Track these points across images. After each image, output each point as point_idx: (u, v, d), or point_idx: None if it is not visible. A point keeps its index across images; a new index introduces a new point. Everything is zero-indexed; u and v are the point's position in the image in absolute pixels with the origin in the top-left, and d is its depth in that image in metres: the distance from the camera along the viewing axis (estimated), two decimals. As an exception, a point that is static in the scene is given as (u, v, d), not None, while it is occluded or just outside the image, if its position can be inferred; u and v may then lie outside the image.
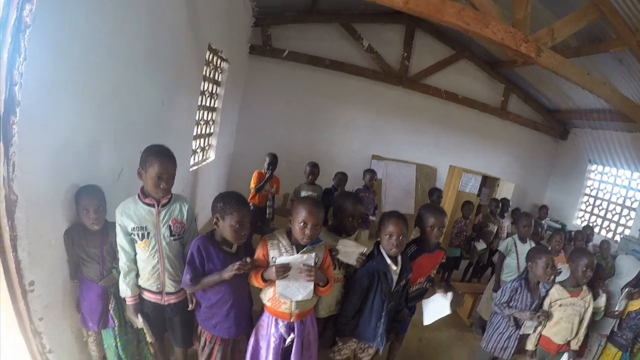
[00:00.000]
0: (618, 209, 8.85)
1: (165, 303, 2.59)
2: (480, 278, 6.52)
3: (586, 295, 3.42)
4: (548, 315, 3.31)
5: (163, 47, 3.44)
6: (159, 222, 2.43)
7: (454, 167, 7.06)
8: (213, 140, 6.14)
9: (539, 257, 3.26)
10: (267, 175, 5.08)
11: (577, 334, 3.40)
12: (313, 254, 2.35)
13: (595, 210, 9.41)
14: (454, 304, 5.11)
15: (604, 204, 9.19)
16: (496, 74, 9.18)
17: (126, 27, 2.71)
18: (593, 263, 3.35)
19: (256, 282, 2.38)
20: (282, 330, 2.47)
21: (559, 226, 8.69)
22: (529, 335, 3.41)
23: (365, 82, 8.22)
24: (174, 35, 3.69)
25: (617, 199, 8.91)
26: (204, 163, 5.67)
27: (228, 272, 2.26)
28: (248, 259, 2.26)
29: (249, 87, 7.71)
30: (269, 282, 2.37)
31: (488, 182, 7.69)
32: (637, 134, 8.02)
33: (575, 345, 3.42)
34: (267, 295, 2.45)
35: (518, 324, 3.34)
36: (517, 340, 3.38)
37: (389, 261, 2.69)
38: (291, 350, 2.50)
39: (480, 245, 5.91)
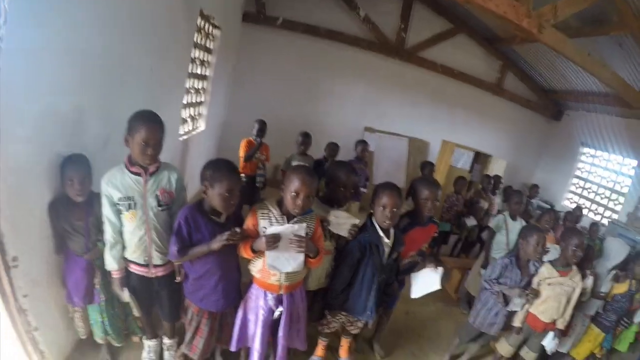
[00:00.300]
0: (607, 193, 8.92)
1: (153, 276, 2.53)
2: (469, 254, 6.55)
3: (575, 275, 3.43)
4: (537, 293, 3.32)
5: (152, 10, 3.29)
6: (147, 191, 2.35)
7: (447, 141, 7.06)
8: (203, 110, 6.00)
9: (530, 235, 3.27)
10: (256, 143, 4.97)
11: (563, 313, 3.44)
12: (304, 225, 2.30)
13: (585, 193, 9.47)
14: (444, 279, 5.21)
15: (594, 187, 9.25)
16: (494, 50, 9.07)
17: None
18: (584, 243, 3.35)
19: (245, 253, 2.34)
20: (271, 302, 2.45)
21: (548, 206, 8.74)
22: (516, 312, 3.43)
23: (361, 52, 8.08)
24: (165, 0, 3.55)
25: (607, 183, 8.96)
26: (195, 132, 5.56)
27: (217, 243, 2.19)
28: (237, 229, 2.20)
29: (242, 56, 7.52)
30: (258, 253, 2.33)
31: (480, 159, 7.74)
32: (631, 120, 7.99)
33: (561, 325, 3.45)
34: (257, 267, 2.42)
35: (506, 301, 3.36)
36: (504, 317, 3.41)
37: (381, 233, 2.67)
38: (280, 323, 2.49)
39: (471, 222, 5.93)
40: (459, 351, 3.85)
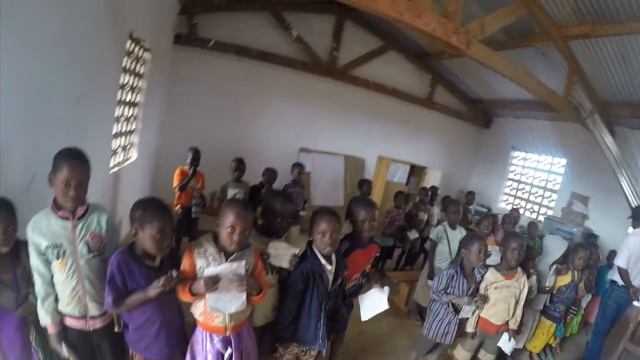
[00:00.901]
0: (540, 191, 9.49)
1: (91, 329, 2.29)
2: (414, 265, 6.61)
3: (521, 277, 3.56)
4: (485, 299, 3.41)
5: (79, 35, 3.04)
6: (75, 238, 2.12)
7: (382, 157, 7.15)
8: (135, 138, 5.66)
9: (472, 243, 3.35)
10: (190, 172, 4.83)
11: (514, 314, 3.54)
12: (243, 262, 2.20)
13: (519, 194, 10.04)
14: (390, 294, 5.20)
15: (527, 188, 9.82)
16: (423, 65, 9.39)
17: (36, 11, 2.33)
18: (523, 245, 3.49)
19: (184, 296, 2.19)
20: (219, 345, 2.31)
21: (485, 210, 9.14)
22: (468, 318, 3.50)
23: (294, 73, 8.04)
24: (92, 23, 3.31)
25: (539, 182, 9.53)
26: (126, 163, 5.26)
27: (153, 290, 2.05)
28: (174, 273, 2.05)
29: (174, 80, 7.24)
30: (198, 295, 2.18)
31: (416, 171, 7.90)
32: (557, 122, 8.54)
33: (513, 325, 3.57)
34: (198, 310, 2.27)
35: (457, 310, 3.41)
36: (457, 325, 3.46)
37: (323, 261, 2.58)
38: (231, 365, 2.35)
39: (413, 235, 6.03)
40: (418, 364, 3.87)
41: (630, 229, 5.09)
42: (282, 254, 2.53)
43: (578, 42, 5.90)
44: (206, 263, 2.19)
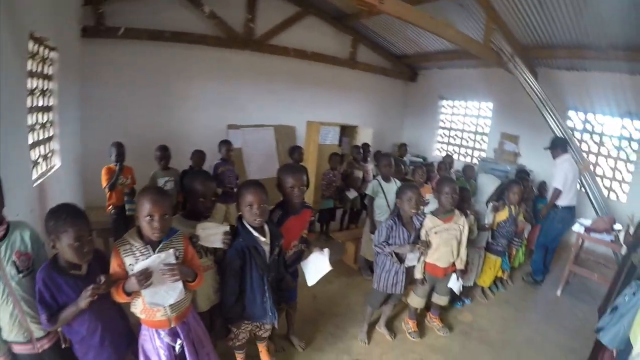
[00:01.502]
0: (472, 136, 9.87)
1: (40, 350, 2.19)
2: (358, 223, 6.69)
3: (459, 219, 3.69)
4: (427, 244, 3.51)
5: None
6: (1, 259, 2.01)
7: (312, 122, 7.14)
8: (55, 145, 5.31)
9: (404, 193, 3.43)
10: (117, 169, 4.66)
11: (458, 254, 3.71)
12: (171, 251, 2.15)
13: (452, 141, 10.41)
14: (339, 254, 5.22)
15: (459, 134, 10.19)
16: (343, 27, 9.32)
17: None
18: (455, 188, 3.59)
19: (120, 297, 2.12)
20: (167, 339, 2.30)
21: (421, 160, 9.37)
22: (415, 266, 3.61)
23: (211, 50, 7.79)
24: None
25: (470, 127, 9.90)
26: (50, 172, 4.97)
27: (83, 301, 1.98)
28: (102, 278, 1.99)
29: (87, 75, 6.67)
30: (134, 293, 2.14)
31: (347, 131, 7.94)
32: (481, 69, 8.81)
33: (460, 265, 3.74)
34: (138, 308, 2.24)
35: (401, 259, 3.48)
36: (404, 274, 3.55)
37: (255, 234, 2.57)
38: (185, 356, 2.34)
39: (352, 194, 6.10)
40: (374, 317, 3.97)
41: (564, 157, 5.53)
42: (213, 234, 2.49)
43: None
44: (135, 259, 2.13)
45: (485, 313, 4.58)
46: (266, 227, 2.66)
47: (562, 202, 5.34)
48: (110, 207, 4.70)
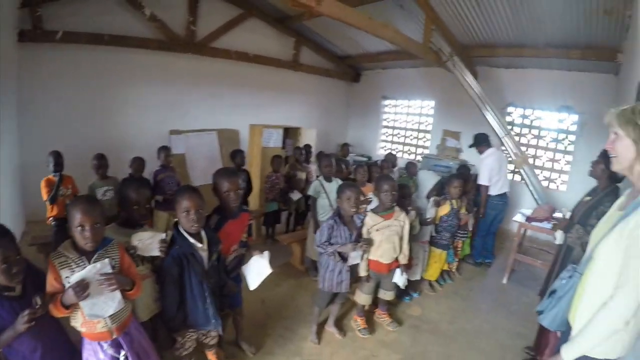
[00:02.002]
0: (415, 133, 10.09)
1: None
2: (304, 224, 6.67)
3: (399, 215, 3.72)
4: (369, 242, 3.53)
5: None
6: None
7: (254, 125, 7.08)
8: None
9: (344, 192, 3.43)
10: (56, 179, 4.44)
11: (401, 250, 3.74)
12: (107, 260, 2.10)
13: (395, 139, 10.63)
14: (286, 256, 5.21)
15: (402, 132, 10.37)
16: (286, 28, 9.35)
17: None
18: (394, 185, 3.63)
19: (59, 312, 2.02)
20: (110, 351, 2.22)
21: (365, 159, 9.52)
22: (358, 264, 3.60)
23: (152, 54, 7.59)
24: None
25: (412, 125, 10.09)
26: None
27: (21, 326, 1.88)
28: (38, 300, 1.91)
29: (24, 82, 6.36)
30: (72, 306, 2.04)
31: (290, 133, 7.92)
32: (422, 69, 9.06)
33: (403, 260, 3.78)
34: (78, 321, 2.13)
35: (344, 258, 3.48)
36: (348, 273, 3.55)
37: (192, 240, 2.52)
38: (131, 368, 2.24)
39: (295, 195, 6.06)
40: (323, 317, 3.94)
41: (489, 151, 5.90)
42: (149, 242, 2.45)
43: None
44: (71, 271, 2.05)
45: (434, 305, 4.64)
46: (203, 233, 2.62)
47: (492, 191, 5.74)
48: (51, 219, 4.48)
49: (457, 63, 6.93)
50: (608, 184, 3.28)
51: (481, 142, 5.92)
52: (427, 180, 4.57)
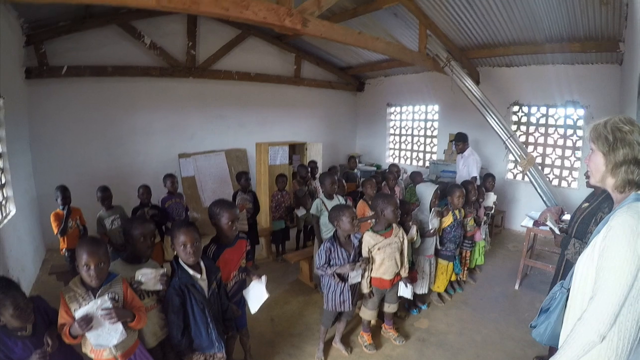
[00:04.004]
0: (422, 139, 10.01)
1: None
2: (314, 240, 6.64)
3: (398, 231, 3.77)
4: (368, 261, 3.58)
5: None
6: None
7: (260, 143, 7.12)
8: (8, 191, 5.20)
9: (342, 214, 3.47)
10: (64, 213, 4.62)
11: (402, 264, 3.78)
12: (106, 296, 2.29)
13: (403, 146, 10.55)
14: (295, 273, 5.30)
15: (409, 139, 10.29)
16: (285, 45, 9.45)
17: None
18: (397, 204, 3.68)
19: (68, 340, 2.24)
20: None
21: (374, 169, 9.62)
22: (360, 282, 3.65)
23: (155, 80, 7.74)
24: None
25: (419, 131, 10.02)
26: (6, 220, 4.85)
27: None
28: (49, 341, 2.16)
29: (35, 118, 6.60)
30: (80, 336, 2.25)
31: (297, 149, 7.92)
32: (424, 74, 9.03)
33: (404, 273, 3.83)
34: (87, 347, 2.36)
35: (344, 278, 3.52)
36: (350, 292, 3.58)
37: (191, 272, 2.63)
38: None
39: (301, 212, 6.07)
40: (330, 335, 3.97)
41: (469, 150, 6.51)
42: (151, 278, 2.59)
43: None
44: (78, 305, 2.27)
45: (442, 317, 4.62)
46: (202, 263, 2.72)
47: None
48: (64, 250, 4.68)
49: (455, 68, 6.94)
50: (604, 189, 3.24)
51: (464, 140, 6.48)
52: (425, 192, 4.55)
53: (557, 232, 3.39)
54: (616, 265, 1.51)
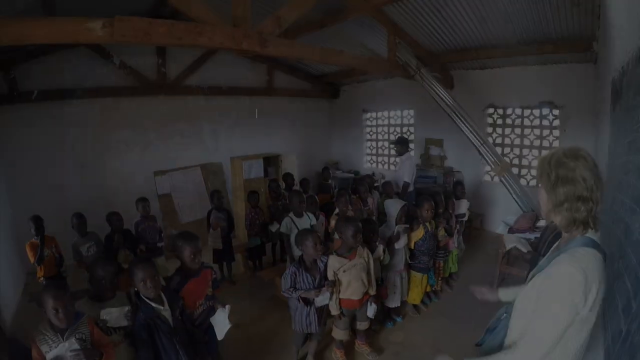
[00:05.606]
0: None
1: None
2: (289, 255, 6.66)
3: (362, 252, 3.76)
4: (334, 284, 3.57)
5: None
6: None
7: (234, 158, 7.07)
8: None
9: (305, 239, 3.52)
10: (39, 242, 4.60)
11: (370, 283, 3.78)
12: (72, 339, 2.36)
13: (380, 151, 10.59)
14: (271, 289, 5.32)
15: (386, 144, 10.36)
16: (256, 56, 9.20)
17: None
18: (359, 227, 3.67)
19: None
20: None
21: (352, 175, 9.72)
22: (327, 304, 3.66)
23: (127, 100, 7.67)
24: None
25: (396, 136, 9.96)
26: None
27: None
28: None
29: (7, 146, 6.44)
30: None
31: (272, 161, 7.87)
32: (398, 79, 8.90)
33: (372, 292, 3.83)
34: None
35: (309, 302, 3.56)
36: (316, 314, 3.61)
37: (154, 304, 2.70)
38: None
39: (274, 227, 5.99)
40: (302, 354, 4.00)
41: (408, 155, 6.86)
42: (116, 316, 2.68)
43: (392, 6, 6.15)
44: (48, 347, 2.33)
45: (417, 329, 4.61)
46: (163, 295, 2.80)
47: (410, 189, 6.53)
48: (42, 278, 4.66)
49: (425, 75, 6.94)
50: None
51: (401, 143, 6.94)
52: (393, 207, 4.54)
53: (525, 251, 3.40)
54: (550, 315, 1.52)
